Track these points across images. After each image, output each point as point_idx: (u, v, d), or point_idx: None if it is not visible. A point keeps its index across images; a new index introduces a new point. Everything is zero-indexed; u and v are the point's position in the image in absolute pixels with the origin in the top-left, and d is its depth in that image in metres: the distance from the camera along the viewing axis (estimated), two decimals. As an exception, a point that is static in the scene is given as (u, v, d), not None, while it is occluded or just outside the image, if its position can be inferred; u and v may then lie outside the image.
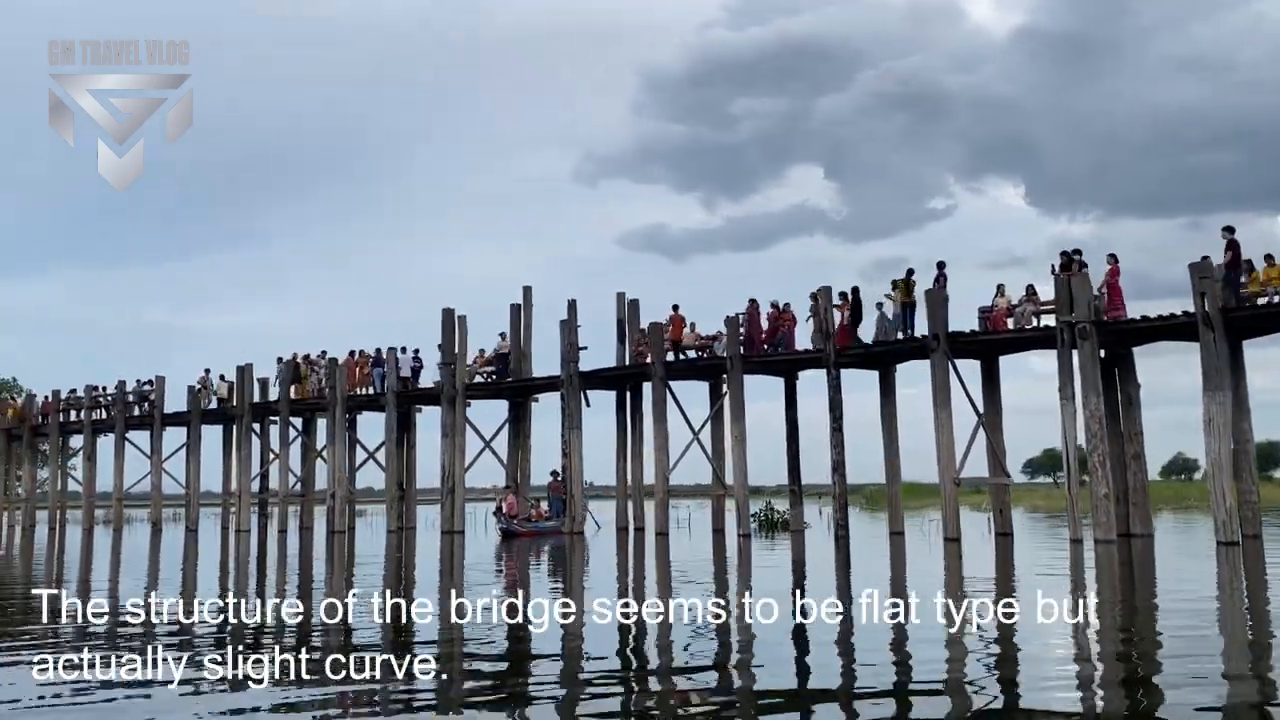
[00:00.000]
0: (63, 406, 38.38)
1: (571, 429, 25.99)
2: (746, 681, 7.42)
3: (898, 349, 22.25)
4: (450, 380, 28.72)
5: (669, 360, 24.97)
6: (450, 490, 28.39)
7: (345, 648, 8.43)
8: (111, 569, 19.04)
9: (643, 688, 7.29)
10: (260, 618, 10.71)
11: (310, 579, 16.26)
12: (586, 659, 8.34)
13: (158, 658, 8.00)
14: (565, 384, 26.17)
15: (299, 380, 32.48)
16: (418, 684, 7.15)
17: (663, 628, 9.60)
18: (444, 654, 8.41)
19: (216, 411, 34.24)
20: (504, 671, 7.84)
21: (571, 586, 14.49)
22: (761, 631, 9.08)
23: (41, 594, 13.29)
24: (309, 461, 33.90)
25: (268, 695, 6.82)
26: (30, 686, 7.03)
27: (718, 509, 26.55)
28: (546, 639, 9.09)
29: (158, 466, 35.14)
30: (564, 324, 26.45)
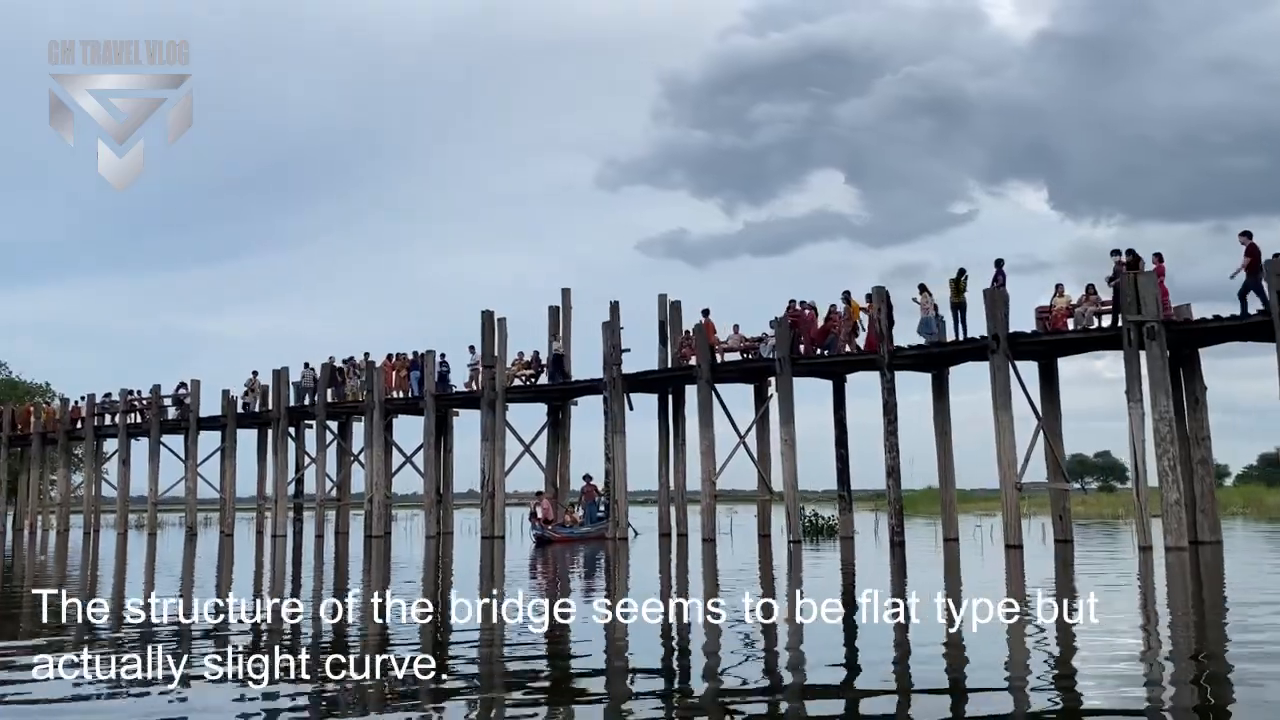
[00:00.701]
0: (97, 410, 38.31)
1: (614, 433, 25.49)
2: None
3: (953, 351, 21.60)
4: (490, 383, 28.31)
5: (715, 362, 24.43)
6: (490, 495, 27.96)
7: (388, 658, 7.97)
8: (156, 577, 18.68)
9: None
10: (314, 630, 10.28)
11: (356, 586, 15.82)
12: (652, 673, 7.84)
13: (196, 664, 7.87)
14: (608, 387, 25.67)
15: (335, 383, 32.19)
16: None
17: (739, 643, 9.07)
18: (486, 669, 7.92)
19: (252, 415, 33.99)
20: (551, 686, 7.35)
21: (646, 595, 13.97)
22: (864, 647, 8.56)
23: (103, 604, 12.95)
24: (345, 466, 33.59)
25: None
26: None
27: (763, 515, 25.96)
28: (611, 652, 8.60)
29: (193, 470, 34.95)
30: (606, 326, 25.97)
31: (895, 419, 21.63)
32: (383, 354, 31.67)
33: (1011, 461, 20.27)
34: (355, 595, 13.64)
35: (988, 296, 20.48)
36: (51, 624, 11.45)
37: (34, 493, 40.85)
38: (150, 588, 15.83)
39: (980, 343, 20.58)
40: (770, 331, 24.68)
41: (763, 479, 25.34)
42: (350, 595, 13.56)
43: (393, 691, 6.99)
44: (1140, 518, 19.03)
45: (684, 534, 26.62)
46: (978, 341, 20.69)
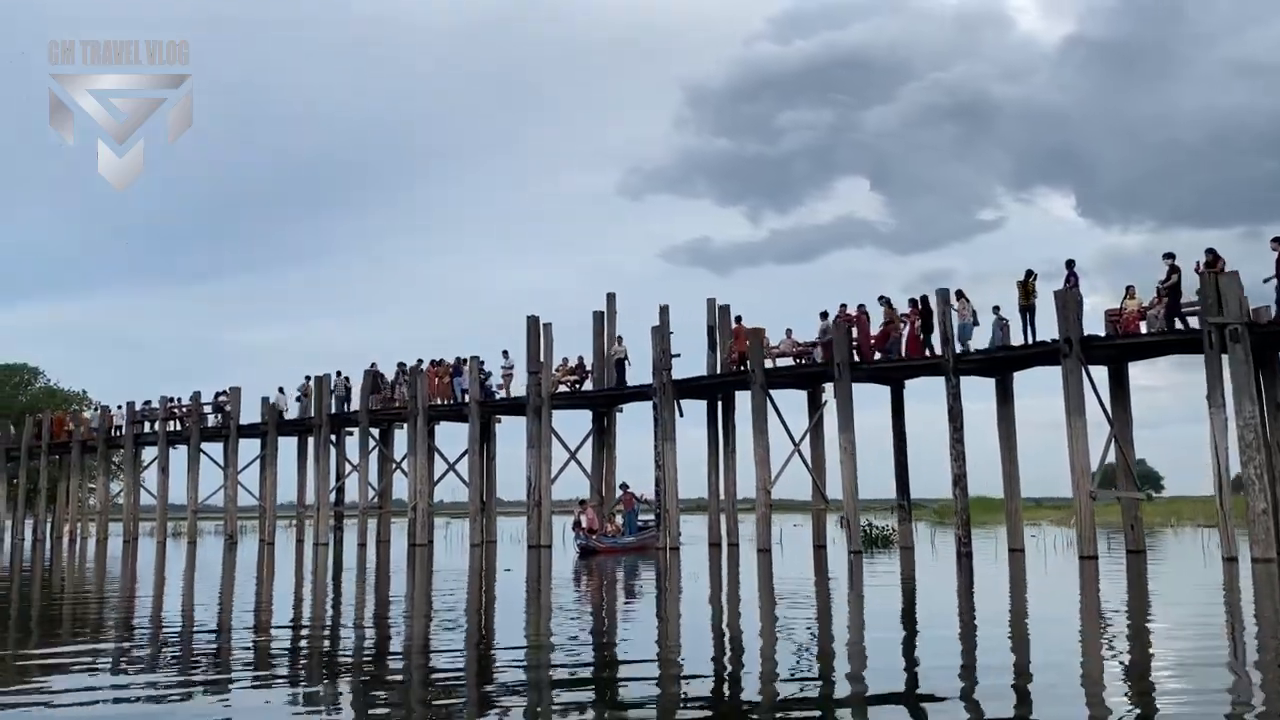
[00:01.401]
0: (136, 418, 38.16)
1: (664, 440, 24.92)
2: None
3: (1023, 355, 20.91)
4: (535, 389, 27.84)
5: (768, 368, 23.84)
6: (536, 503, 27.46)
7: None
8: (206, 586, 18.27)
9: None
10: (382, 647, 9.78)
11: (419, 599, 15.34)
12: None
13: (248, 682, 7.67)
14: (657, 393, 25.12)
15: (378, 390, 31.84)
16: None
17: (836, 662, 8.48)
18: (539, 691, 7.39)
19: (292, 422, 33.70)
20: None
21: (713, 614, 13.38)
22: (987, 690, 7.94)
23: (161, 613, 12.54)
24: (386, 473, 33.21)
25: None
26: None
27: (818, 524, 25.30)
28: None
29: (233, 478, 34.67)
30: (655, 331, 25.43)
31: (961, 425, 20.95)
32: (411, 362, 31.25)
33: (1085, 469, 19.57)
34: (416, 611, 13.15)
35: (1059, 298, 19.79)
36: (100, 632, 11.16)
37: (73, 500, 40.75)
38: (195, 597, 15.44)
39: (1052, 346, 19.89)
40: (821, 334, 24.14)
41: (818, 487, 24.69)
42: (411, 610, 13.08)
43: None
44: (1225, 528, 18.23)
45: (734, 544, 26.02)
46: (1049, 345, 19.99)
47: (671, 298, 46.59)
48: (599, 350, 29.07)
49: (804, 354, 24.65)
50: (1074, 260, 20.23)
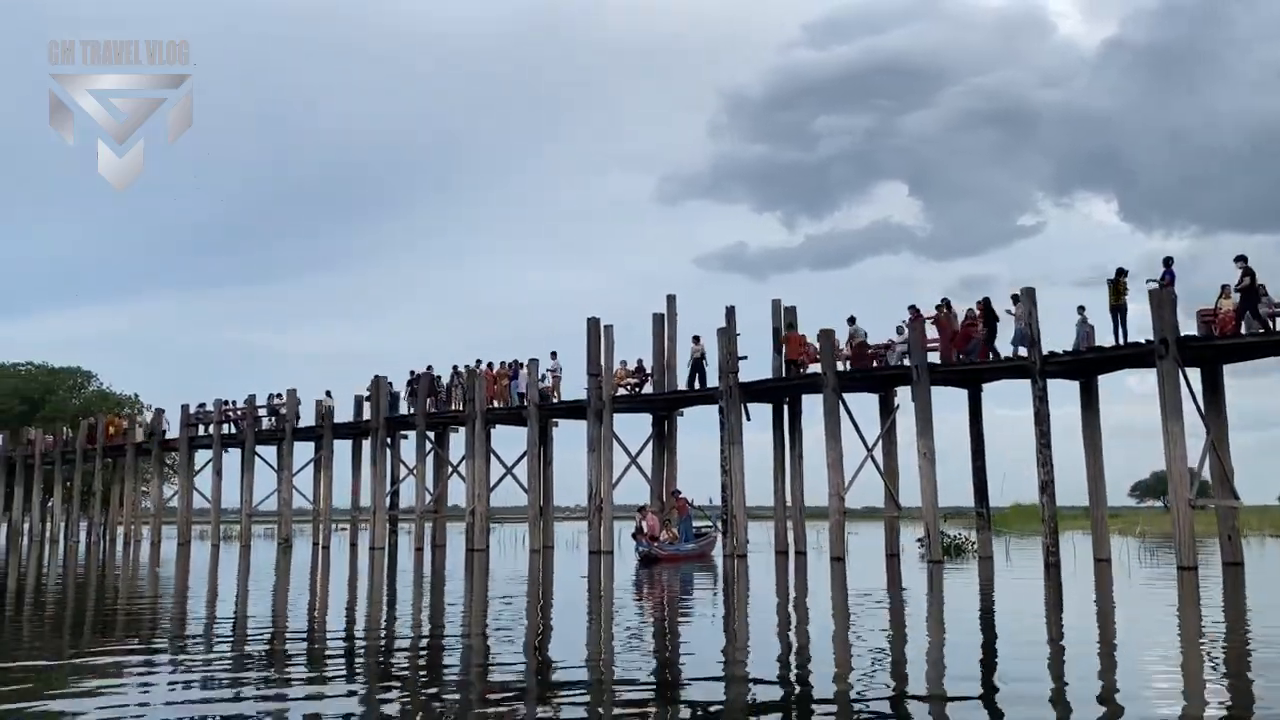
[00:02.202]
0: (191, 421, 38.16)
1: (731, 444, 24.28)
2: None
3: (1114, 356, 20.05)
4: (596, 392, 27.33)
5: (841, 370, 23.15)
6: (598, 508, 26.94)
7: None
8: (263, 591, 17.90)
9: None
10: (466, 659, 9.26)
11: (479, 606, 14.84)
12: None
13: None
14: (724, 396, 24.49)
15: (434, 393, 31.52)
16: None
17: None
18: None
19: (347, 425, 33.47)
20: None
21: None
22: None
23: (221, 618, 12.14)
24: (441, 477, 32.86)
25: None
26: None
27: (891, 532, 24.51)
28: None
29: (288, 481, 34.51)
30: (721, 332, 24.82)
31: (1048, 430, 20.13)
32: (447, 367, 30.96)
33: (1183, 475, 18.69)
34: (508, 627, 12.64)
35: (1154, 298, 18.92)
36: (169, 636, 10.85)
37: (128, 503, 40.87)
38: (254, 602, 15.05)
39: (1146, 347, 19.01)
40: (898, 339, 23.41)
41: (891, 494, 23.90)
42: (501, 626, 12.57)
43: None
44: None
45: (802, 552, 25.34)
46: (1143, 346, 19.12)
47: (707, 304, 45.66)
48: (658, 353, 28.51)
49: (876, 356, 23.94)
50: (1172, 258, 19.37)
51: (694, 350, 26.12)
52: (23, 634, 11.45)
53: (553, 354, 29.82)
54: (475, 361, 30.62)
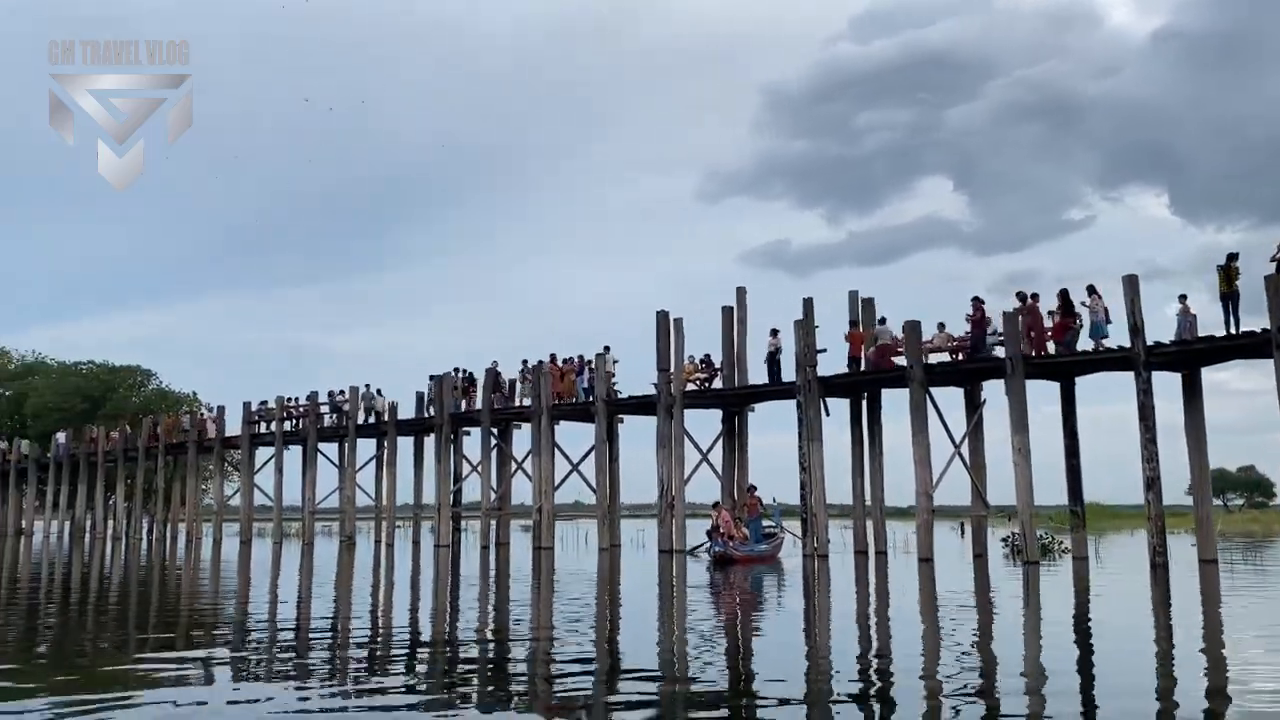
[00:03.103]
0: (252, 418, 38.12)
1: (810, 440, 23.55)
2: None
3: (1225, 346, 19.04)
4: (666, 387, 26.73)
5: (928, 363, 22.33)
6: (669, 506, 26.32)
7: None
8: (336, 587, 17.50)
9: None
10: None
11: (550, 606, 14.26)
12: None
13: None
14: (801, 391, 23.75)
15: (498, 389, 31.11)
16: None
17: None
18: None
19: (411, 422, 33.18)
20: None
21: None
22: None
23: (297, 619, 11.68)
24: (505, 473, 32.44)
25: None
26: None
27: (979, 532, 23.64)
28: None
29: (351, 478, 34.30)
30: (799, 324, 24.09)
31: (1153, 424, 19.19)
32: (568, 355, 30.39)
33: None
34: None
35: (1270, 284, 17.91)
36: (239, 635, 10.55)
37: (190, 501, 40.96)
38: (324, 601, 14.63)
39: (1261, 337, 18.02)
40: (989, 330, 22.56)
41: (978, 492, 23.06)
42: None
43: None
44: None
45: (882, 551, 24.52)
46: (1258, 335, 18.12)
47: (750, 301, 45.79)
48: (727, 346, 27.88)
49: (960, 349, 23.09)
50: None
51: (771, 344, 25.32)
52: (90, 631, 11.21)
53: (605, 349, 29.37)
54: (551, 355, 30.13)
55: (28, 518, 51.15)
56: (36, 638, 10.71)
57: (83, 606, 14.16)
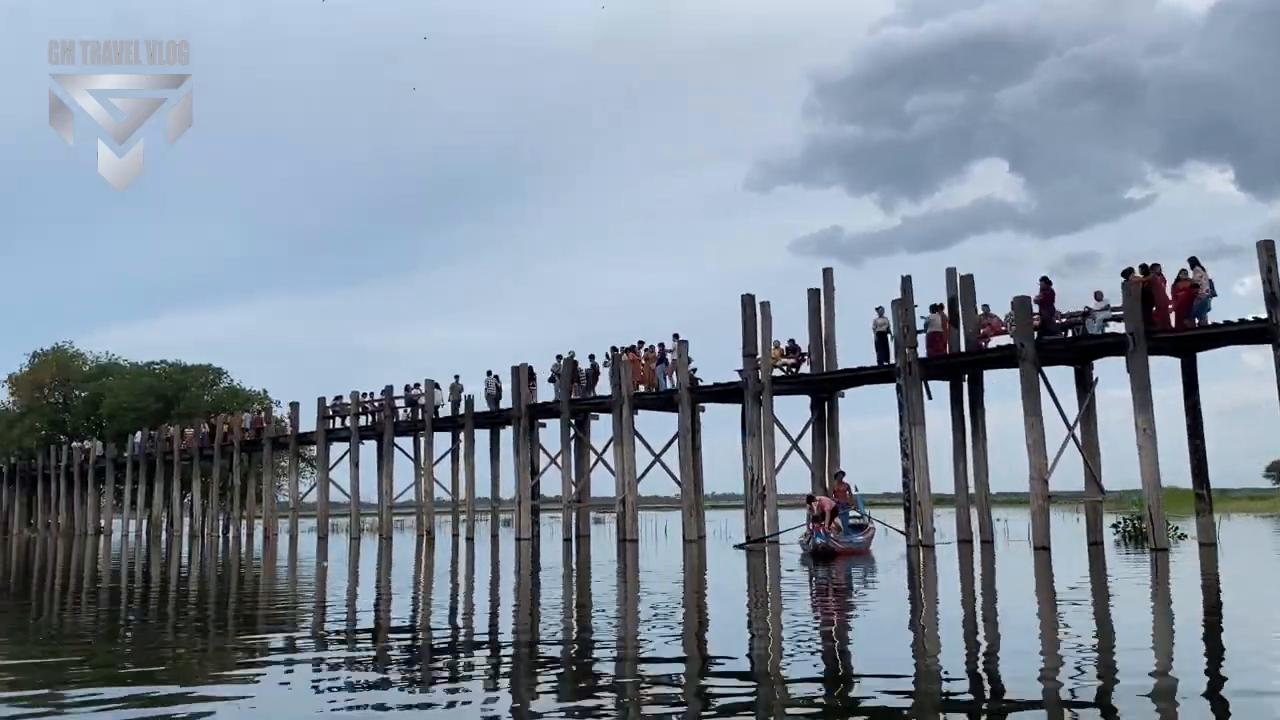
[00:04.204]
0: (327, 414, 37.99)
1: (912, 424, 22.47)
2: None
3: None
4: (754, 373, 25.82)
5: (1040, 340, 21.15)
6: (760, 496, 25.43)
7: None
8: (419, 583, 16.89)
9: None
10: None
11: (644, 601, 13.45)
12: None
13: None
14: (902, 373, 22.69)
15: (576, 379, 30.46)
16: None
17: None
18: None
19: (489, 414, 32.70)
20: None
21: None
22: None
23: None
24: (584, 465, 31.80)
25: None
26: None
27: (1093, 518, 22.42)
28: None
29: (428, 473, 33.94)
30: (897, 304, 23.03)
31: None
32: (645, 343, 29.65)
33: None
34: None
35: None
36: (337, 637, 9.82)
37: (267, 497, 41.04)
38: (417, 598, 13.99)
39: None
40: (1096, 305, 21.34)
41: (1092, 475, 21.85)
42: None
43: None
44: None
45: (988, 540, 23.40)
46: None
47: (803, 289, 45.04)
48: (814, 330, 26.88)
49: (1072, 324, 21.89)
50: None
51: (877, 324, 24.19)
52: (171, 628, 11.00)
53: (674, 336, 28.61)
54: (638, 343, 29.39)
55: (106, 517, 51.89)
56: (119, 634, 10.58)
57: (163, 603, 13.99)
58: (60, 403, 59.63)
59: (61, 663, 8.31)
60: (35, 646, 9.68)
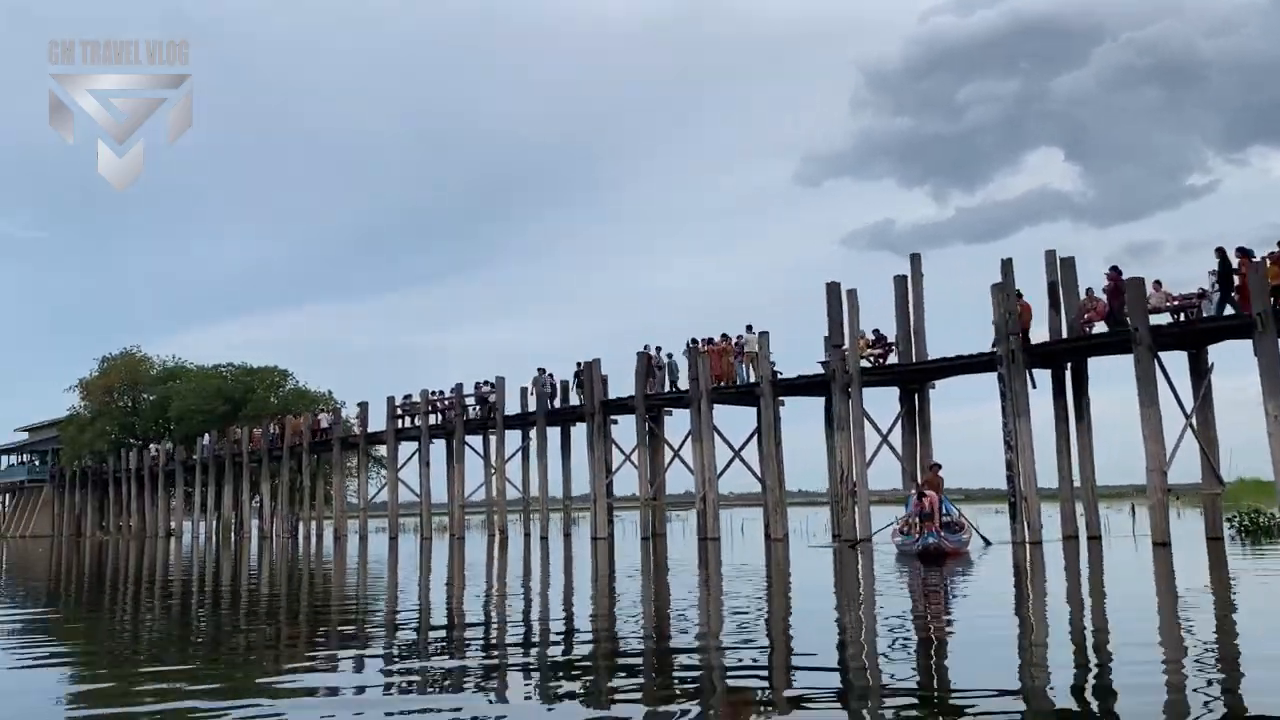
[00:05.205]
0: (396, 413, 37.71)
1: (1016, 416, 21.37)
2: None
3: None
4: (840, 364, 24.86)
5: (1155, 325, 19.98)
6: (850, 492, 24.48)
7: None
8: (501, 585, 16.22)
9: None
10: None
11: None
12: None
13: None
14: (1004, 362, 21.61)
15: (651, 374, 29.74)
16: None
17: None
18: None
19: (561, 411, 32.12)
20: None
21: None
22: None
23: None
24: (659, 461, 31.05)
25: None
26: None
27: (1212, 513, 21.16)
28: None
29: (501, 471, 33.45)
30: (997, 289, 21.97)
31: None
32: (726, 335, 28.84)
33: None
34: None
35: None
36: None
37: (336, 498, 40.91)
38: (481, 596, 13.31)
39: None
40: (1211, 287, 20.13)
41: (1210, 466, 20.60)
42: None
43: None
44: None
45: (1096, 536, 22.27)
46: None
47: (854, 283, 44.24)
48: (902, 319, 25.87)
49: (1187, 308, 20.68)
50: None
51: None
52: (244, 629, 10.82)
53: (748, 328, 27.71)
54: (724, 335, 28.57)
55: (176, 518, 52.34)
56: (193, 635, 10.46)
57: (235, 604, 13.75)
58: (129, 406, 60.37)
59: (184, 671, 7.77)
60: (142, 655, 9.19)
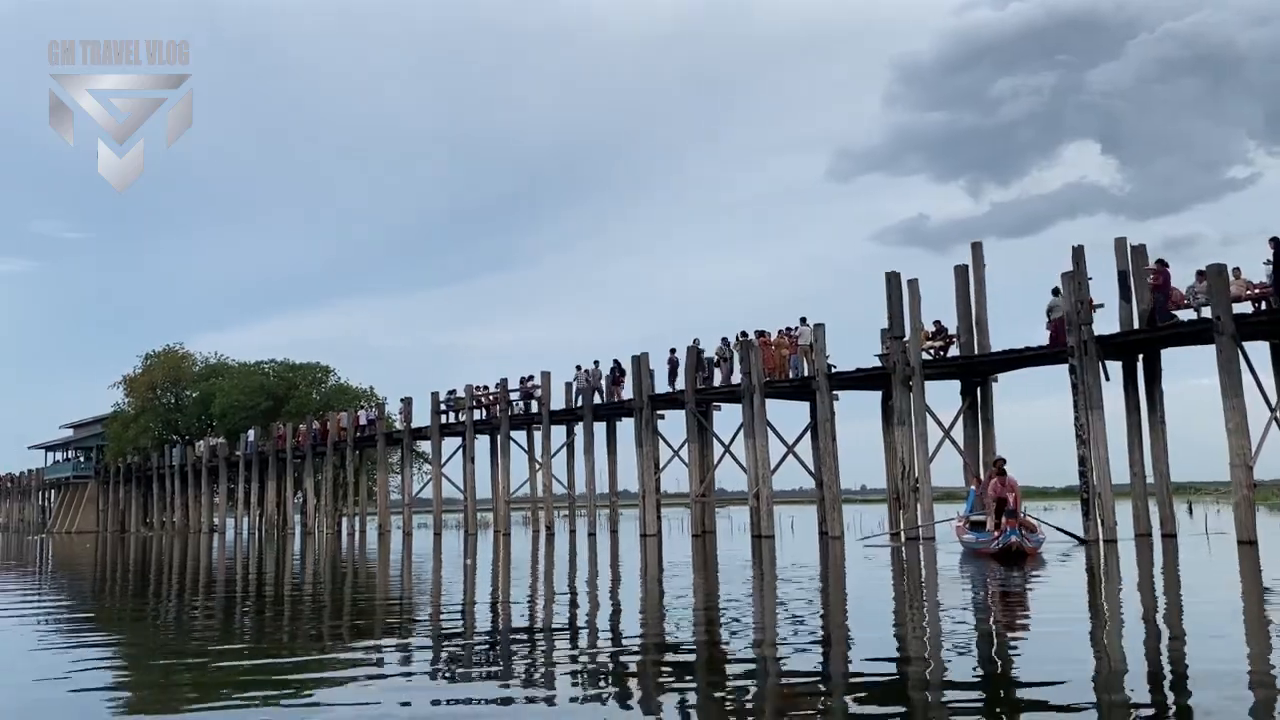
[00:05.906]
0: (441, 409, 37.41)
1: (1089, 409, 20.54)
2: None
3: None
4: (901, 357, 24.12)
5: (1239, 314, 19.08)
6: (913, 489, 23.74)
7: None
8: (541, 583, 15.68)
9: None
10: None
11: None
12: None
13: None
14: (1075, 353, 20.79)
15: (701, 368, 29.14)
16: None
17: None
18: None
19: (610, 406, 31.62)
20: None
21: None
22: None
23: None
24: (709, 457, 30.46)
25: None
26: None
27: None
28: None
29: (547, 467, 33.02)
30: (1068, 278, 21.13)
31: None
32: (781, 329, 28.23)
33: None
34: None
35: None
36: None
37: (381, 493, 40.72)
38: (549, 603, 12.75)
39: None
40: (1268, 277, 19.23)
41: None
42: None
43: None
44: None
45: (1171, 534, 21.38)
46: None
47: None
48: (963, 309, 25.07)
49: (1263, 296, 19.80)
50: None
51: (1054, 305, 22.09)
52: (289, 624, 10.80)
53: (802, 320, 27.05)
54: (783, 329, 27.94)
55: (220, 514, 52.51)
56: (237, 630, 10.44)
57: (279, 599, 13.60)
58: (172, 403, 60.73)
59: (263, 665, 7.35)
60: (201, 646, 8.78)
